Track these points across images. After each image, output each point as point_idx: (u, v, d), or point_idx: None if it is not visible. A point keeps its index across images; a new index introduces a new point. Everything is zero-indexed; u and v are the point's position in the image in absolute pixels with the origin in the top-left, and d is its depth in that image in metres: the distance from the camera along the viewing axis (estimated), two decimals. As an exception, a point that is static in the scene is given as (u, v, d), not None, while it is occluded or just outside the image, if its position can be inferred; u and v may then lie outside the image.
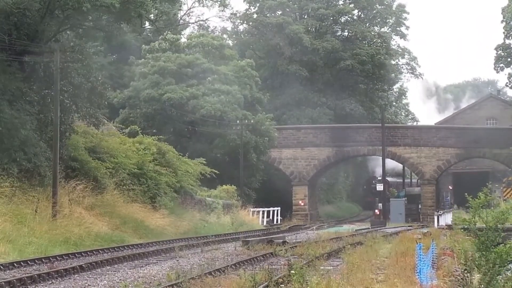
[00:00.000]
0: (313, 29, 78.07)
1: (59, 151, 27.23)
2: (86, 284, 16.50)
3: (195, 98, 49.49)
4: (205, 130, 49.80)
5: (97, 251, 23.41)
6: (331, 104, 74.00)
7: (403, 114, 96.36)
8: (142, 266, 20.34)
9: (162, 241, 29.17)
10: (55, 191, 26.37)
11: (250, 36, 78.83)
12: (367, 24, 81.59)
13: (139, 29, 40.08)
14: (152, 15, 37.11)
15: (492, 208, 31.41)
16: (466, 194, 19.12)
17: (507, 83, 69.28)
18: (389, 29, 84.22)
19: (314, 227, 47.06)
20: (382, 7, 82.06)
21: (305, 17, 79.35)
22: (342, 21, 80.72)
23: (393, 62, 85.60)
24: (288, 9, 77.26)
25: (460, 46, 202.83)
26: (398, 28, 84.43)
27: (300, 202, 62.77)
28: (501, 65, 66.59)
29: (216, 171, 44.61)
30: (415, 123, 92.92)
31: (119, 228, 29.23)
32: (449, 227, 38.27)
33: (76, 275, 17.96)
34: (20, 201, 25.18)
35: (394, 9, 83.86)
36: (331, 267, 19.35)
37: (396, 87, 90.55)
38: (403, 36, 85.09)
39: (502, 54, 66.21)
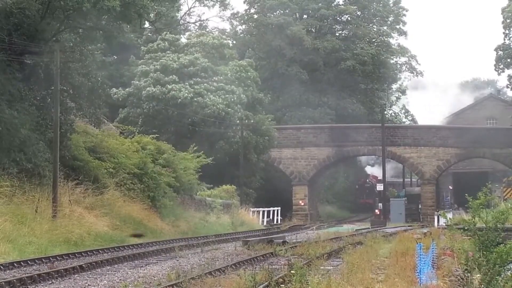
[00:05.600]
0: (314, 29, 78.09)
1: (59, 151, 27.24)
2: (86, 284, 16.50)
3: (200, 96, 49.31)
4: (206, 130, 49.70)
5: (97, 251, 23.42)
6: (332, 104, 74.01)
7: (403, 114, 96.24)
8: (142, 266, 20.33)
9: (162, 241, 29.19)
10: (55, 191, 26.38)
11: (250, 37, 78.82)
12: (367, 23, 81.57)
13: (139, 29, 40.09)
14: (152, 15, 37.14)
15: (492, 208, 31.42)
16: (466, 194, 19.15)
17: (507, 84, 69.43)
18: (388, 28, 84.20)
19: (314, 227, 47.07)
20: (381, 5, 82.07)
21: (306, 17, 79.36)
22: (343, 20, 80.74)
23: (393, 61, 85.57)
24: (288, 9, 77.26)
25: (460, 46, 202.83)
26: (397, 26, 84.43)
27: (300, 202, 62.78)
28: (501, 66, 66.66)
29: (211, 158, 44.34)
30: (414, 123, 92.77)
31: (119, 228, 29.24)
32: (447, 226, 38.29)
33: (76, 275, 17.96)
34: (20, 201, 25.18)
35: (392, 7, 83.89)
36: (331, 267, 19.35)
37: (395, 87, 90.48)
38: (402, 33, 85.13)
39: (502, 54, 66.28)
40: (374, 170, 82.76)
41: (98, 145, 33.90)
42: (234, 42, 76.56)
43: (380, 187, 62.13)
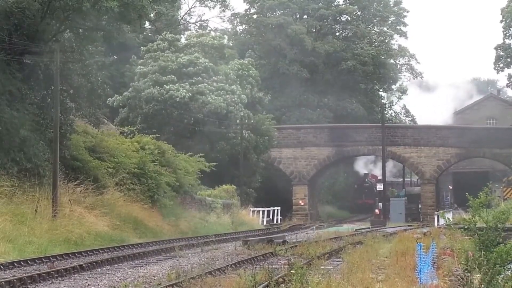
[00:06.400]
0: (314, 29, 78.06)
1: (59, 151, 27.23)
2: (86, 284, 16.50)
3: (202, 94, 49.18)
4: (206, 130, 49.64)
5: (97, 250, 23.42)
6: (332, 105, 73.97)
7: (403, 114, 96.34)
8: (142, 266, 20.33)
9: (162, 240, 29.19)
10: (55, 191, 26.37)
11: (250, 37, 78.80)
12: (367, 23, 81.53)
13: (139, 29, 40.08)
14: (152, 14, 37.12)
15: (493, 207, 31.42)
16: (466, 194, 19.13)
17: (507, 83, 69.53)
18: (389, 28, 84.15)
19: (314, 227, 47.06)
20: (381, 6, 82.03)
21: (305, 17, 79.34)
22: (343, 20, 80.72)
23: (392, 61, 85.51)
24: (288, 9, 77.23)
25: (460, 46, 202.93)
26: (398, 27, 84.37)
27: (300, 201, 62.78)
28: (501, 65, 66.76)
29: (214, 163, 44.39)
30: (414, 123, 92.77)
31: (119, 228, 29.23)
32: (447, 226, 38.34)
33: (76, 275, 17.96)
34: (20, 201, 25.17)
35: (393, 7, 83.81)
36: (331, 267, 19.35)
37: (395, 87, 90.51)
38: (403, 35, 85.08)
39: (502, 54, 66.36)
40: (363, 169, 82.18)
41: (98, 145, 33.89)
42: (234, 42, 76.55)
43: (380, 187, 62.12)
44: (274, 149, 59.58)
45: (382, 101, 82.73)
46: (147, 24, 44.22)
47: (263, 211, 53.43)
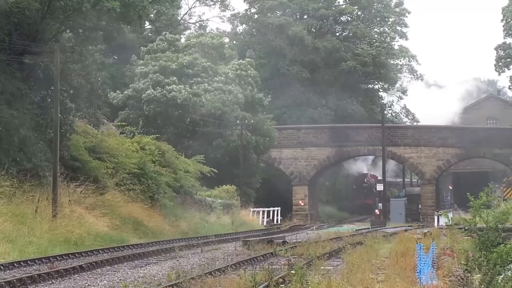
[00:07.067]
0: (314, 29, 78.06)
1: (59, 151, 27.23)
2: (86, 284, 16.50)
3: (198, 96, 49.22)
4: (205, 131, 49.66)
5: (97, 251, 23.42)
6: (332, 105, 73.97)
7: (403, 114, 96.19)
8: (142, 266, 20.34)
9: (162, 241, 29.20)
10: (55, 191, 26.36)
11: (250, 37, 78.80)
12: (368, 24, 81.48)
13: (139, 29, 40.13)
14: (152, 15, 37.14)
15: (493, 208, 31.38)
16: (467, 194, 19.14)
17: (510, 86, 69.51)
18: (389, 29, 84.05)
19: (314, 227, 47.06)
20: (382, 6, 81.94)
21: (306, 17, 79.36)
22: (343, 20, 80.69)
23: (393, 62, 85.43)
24: (288, 9, 77.23)
25: (460, 46, 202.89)
26: (399, 28, 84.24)
27: (300, 202, 62.72)
28: (501, 64, 66.70)
29: (214, 170, 44.47)
30: (415, 123, 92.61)
31: (119, 228, 29.23)
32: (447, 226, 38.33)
33: (76, 275, 17.96)
34: (20, 201, 25.17)
35: (394, 8, 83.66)
36: (331, 267, 19.34)
37: (396, 87, 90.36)
38: (403, 35, 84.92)
39: (502, 54, 66.32)
40: (355, 167, 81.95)
41: (98, 145, 33.88)
42: (235, 42, 76.54)
43: (380, 187, 62.10)
44: (274, 149, 59.55)
45: (382, 101, 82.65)
46: (147, 24, 44.24)
47: (263, 211, 53.40)
